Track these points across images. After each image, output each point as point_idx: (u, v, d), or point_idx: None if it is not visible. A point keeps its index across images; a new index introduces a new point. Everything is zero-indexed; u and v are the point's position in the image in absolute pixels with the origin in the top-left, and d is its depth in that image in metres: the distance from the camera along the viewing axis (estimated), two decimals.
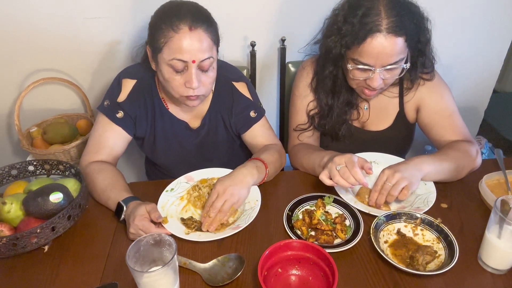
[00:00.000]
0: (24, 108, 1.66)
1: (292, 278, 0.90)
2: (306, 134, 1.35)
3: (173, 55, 1.04)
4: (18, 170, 1.15)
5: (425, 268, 0.89)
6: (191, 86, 1.07)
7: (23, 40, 1.51)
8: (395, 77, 1.15)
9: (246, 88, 1.28)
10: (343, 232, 0.99)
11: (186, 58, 1.04)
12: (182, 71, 1.07)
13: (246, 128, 1.29)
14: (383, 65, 1.09)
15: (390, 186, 1.03)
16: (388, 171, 1.05)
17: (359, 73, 1.14)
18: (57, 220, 0.95)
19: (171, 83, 1.09)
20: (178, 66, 1.05)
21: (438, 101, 1.26)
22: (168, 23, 1.03)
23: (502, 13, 1.65)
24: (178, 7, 1.06)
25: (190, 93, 1.09)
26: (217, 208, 1.02)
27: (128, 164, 1.91)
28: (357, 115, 1.34)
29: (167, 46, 1.04)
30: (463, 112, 1.28)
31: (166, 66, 1.07)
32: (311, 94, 1.32)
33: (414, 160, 1.09)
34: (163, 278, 0.78)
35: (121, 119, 1.21)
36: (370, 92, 1.18)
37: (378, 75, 1.11)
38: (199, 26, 1.03)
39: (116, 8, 1.47)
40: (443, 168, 1.11)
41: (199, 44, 1.03)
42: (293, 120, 1.38)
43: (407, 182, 1.02)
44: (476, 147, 1.18)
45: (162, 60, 1.07)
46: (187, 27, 1.02)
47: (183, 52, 1.03)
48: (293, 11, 1.55)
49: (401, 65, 1.11)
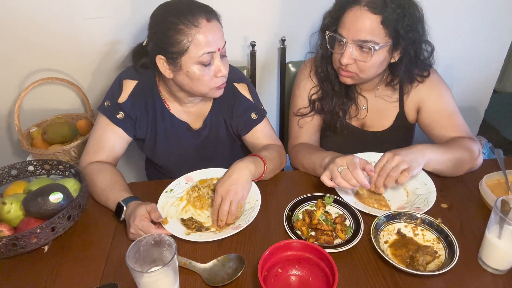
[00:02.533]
0: (24, 108, 1.66)
1: (292, 278, 0.89)
2: (306, 119, 1.35)
3: (202, 50, 1.05)
4: (18, 170, 1.15)
5: (425, 268, 0.89)
6: (222, 74, 1.10)
7: (23, 40, 1.51)
8: (367, 63, 1.14)
9: (247, 90, 1.28)
10: (343, 232, 0.99)
11: (213, 49, 1.06)
12: (209, 64, 1.08)
13: (247, 130, 1.29)
14: (353, 39, 1.11)
15: (390, 168, 1.03)
16: (388, 154, 1.05)
17: (336, 47, 1.19)
18: (57, 220, 0.95)
19: (202, 80, 1.10)
20: (206, 59, 1.07)
21: (438, 101, 1.26)
22: (186, 22, 1.03)
23: (502, 13, 1.65)
24: (187, 5, 1.06)
25: (220, 82, 1.12)
26: (226, 211, 1.02)
27: (128, 164, 1.91)
28: (355, 112, 1.34)
29: (193, 44, 1.04)
30: (463, 112, 1.28)
31: (195, 65, 1.07)
32: (312, 81, 1.34)
33: (418, 146, 1.08)
34: (163, 278, 0.78)
35: (122, 120, 1.20)
36: (343, 72, 1.19)
37: (348, 50, 1.13)
38: (212, 16, 1.06)
39: (116, 8, 1.47)
40: (446, 158, 1.11)
41: (219, 32, 1.08)
42: (294, 105, 1.39)
43: (407, 165, 1.02)
44: (478, 146, 1.18)
45: (190, 60, 1.06)
46: (205, 20, 1.04)
47: (210, 44, 1.05)
48: (293, 11, 1.55)
49: (374, 48, 1.11)
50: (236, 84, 1.27)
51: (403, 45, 1.15)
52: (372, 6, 1.08)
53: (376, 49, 1.11)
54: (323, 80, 1.30)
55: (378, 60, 1.14)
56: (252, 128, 1.29)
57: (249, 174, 1.08)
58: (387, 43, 1.12)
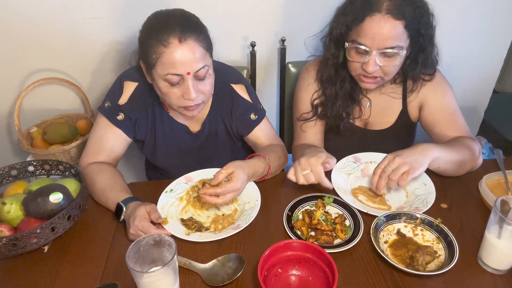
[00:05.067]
0: (24, 108, 1.66)
1: (292, 278, 0.90)
2: (309, 124, 1.35)
3: (167, 70, 1.02)
4: (18, 171, 1.15)
5: (425, 268, 0.89)
6: (189, 97, 1.06)
7: (23, 40, 1.51)
8: (393, 68, 1.14)
9: (245, 90, 1.28)
10: (343, 232, 0.99)
11: (180, 72, 1.02)
12: (178, 83, 1.06)
13: (248, 131, 1.29)
14: (379, 48, 1.09)
15: (390, 171, 1.02)
16: (390, 155, 1.05)
17: (356, 56, 1.14)
18: (57, 220, 0.95)
19: (169, 96, 1.08)
20: (173, 80, 1.04)
21: (440, 99, 1.26)
22: (157, 38, 1.01)
23: (502, 13, 1.65)
24: (165, 20, 1.04)
25: (189, 103, 1.08)
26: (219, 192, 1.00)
27: (128, 165, 1.91)
28: (359, 113, 1.34)
29: (159, 61, 1.02)
30: (463, 112, 1.28)
31: (162, 81, 1.06)
32: (315, 85, 1.33)
33: (421, 146, 1.07)
34: (163, 278, 0.78)
35: (122, 121, 1.20)
36: (367, 79, 1.17)
37: (373, 58, 1.10)
38: (188, 36, 1.01)
39: (116, 8, 1.47)
40: (451, 157, 1.10)
41: (191, 55, 1.01)
42: (297, 110, 1.38)
43: (408, 167, 1.01)
44: (478, 146, 1.18)
45: (157, 75, 1.05)
46: (177, 40, 1.00)
47: (176, 66, 1.01)
48: (293, 11, 1.55)
49: (399, 53, 1.10)
50: (234, 85, 1.27)
51: (421, 43, 1.14)
52: (394, 12, 1.05)
53: (402, 54, 1.11)
54: (327, 85, 1.29)
55: (401, 61, 1.14)
56: (252, 128, 1.29)
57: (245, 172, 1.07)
58: (408, 43, 1.12)
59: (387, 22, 1.05)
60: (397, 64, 1.13)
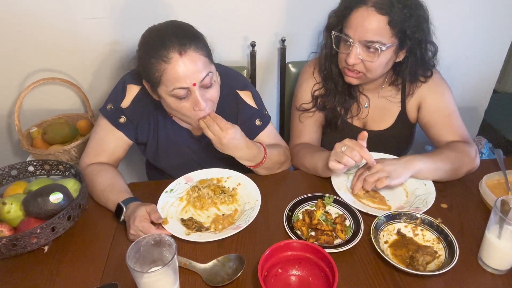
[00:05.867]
0: (24, 108, 1.66)
1: (292, 278, 0.90)
2: (308, 115, 1.36)
3: (172, 85, 1.01)
4: (18, 171, 1.15)
5: (425, 268, 0.89)
6: (199, 108, 1.05)
7: (23, 40, 1.51)
8: (374, 63, 1.14)
9: (251, 97, 1.27)
10: (343, 232, 0.99)
11: (186, 84, 1.01)
12: (186, 96, 1.05)
13: (252, 137, 1.28)
14: (360, 39, 1.11)
15: (367, 174, 1.08)
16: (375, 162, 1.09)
17: (343, 47, 1.18)
18: (57, 220, 0.95)
19: (180, 111, 1.07)
20: (180, 93, 1.03)
21: (438, 100, 1.26)
22: (157, 56, 0.99)
23: (502, 13, 1.65)
24: (161, 36, 1.02)
25: (201, 114, 1.08)
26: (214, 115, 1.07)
27: (129, 165, 1.91)
28: (357, 110, 1.34)
29: (164, 78, 1.01)
30: (463, 112, 1.28)
31: (169, 97, 1.05)
32: (316, 79, 1.35)
33: (405, 158, 1.12)
34: (163, 278, 0.78)
35: (124, 124, 1.20)
36: (350, 72, 1.19)
37: (355, 50, 1.13)
38: (187, 48, 0.99)
39: (116, 8, 1.47)
40: (437, 167, 1.12)
41: (194, 66, 1.00)
42: (296, 100, 1.39)
43: (386, 174, 1.07)
44: (474, 148, 1.19)
45: (163, 92, 1.05)
46: (177, 54, 0.99)
47: (181, 80, 1.00)
48: (293, 11, 1.55)
49: (380, 48, 1.11)
50: (240, 91, 1.26)
51: (409, 45, 1.15)
52: (379, 6, 1.08)
53: (383, 50, 1.12)
54: (326, 78, 1.31)
55: (384, 60, 1.15)
56: (256, 134, 1.28)
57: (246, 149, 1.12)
58: (394, 43, 1.13)
59: (370, 14, 1.09)
60: (380, 61, 1.14)
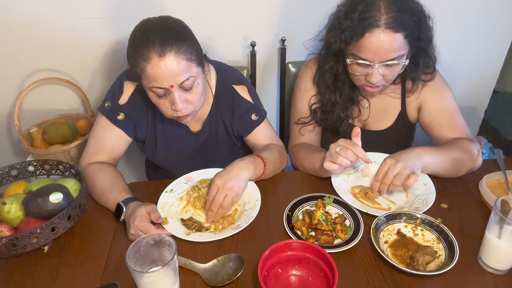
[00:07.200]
0: (24, 108, 1.66)
1: (292, 278, 0.89)
2: (307, 128, 1.35)
3: (150, 83, 1.03)
4: (18, 171, 1.15)
5: (425, 268, 0.89)
6: (176, 109, 1.06)
7: (23, 40, 1.51)
8: (395, 74, 1.15)
9: (247, 91, 1.28)
10: (343, 232, 0.99)
11: (163, 85, 1.02)
12: (165, 95, 1.06)
13: (248, 132, 1.29)
14: (381, 61, 1.09)
15: (392, 176, 1.03)
16: (390, 160, 1.05)
17: (358, 68, 1.15)
18: (57, 220, 0.95)
19: (159, 106, 1.10)
20: (159, 92, 1.05)
21: (439, 100, 1.26)
22: (139, 52, 1.00)
23: (502, 13, 1.65)
24: (146, 33, 1.02)
25: (178, 114, 1.09)
26: (219, 202, 1.02)
27: (129, 165, 1.91)
28: (357, 113, 1.34)
29: (143, 75, 1.03)
30: (463, 112, 1.28)
31: (150, 92, 1.07)
32: (313, 89, 1.33)
33: (415, 150, 1.09)
34: (163, 278, 0.78)
35: (122, 121, 1.20)
36: (371, 89, 1.18)
37: (377, 71, 1.11)
38: (168, 50, 0.99)
39: (116, 8, 1.47)
40: (443, 161, 1.11)
41: (172, 69, 1.00)
42: (295, 113, 1.38)
43: (410, 171, 1.03)
44: (477, 147, 1.18)
45: (145, 86, 1.07)
46: (157, 55, 0.98)
47: (158, 80, 1.01)
48: (293, 11, 1.55)
49: (401, 62, 1.11)
50: (236, 86, 1.27)
51: (421, 46, 1.15)
52: (393, 25, 1.04)
53: (404, 62, 1.12)
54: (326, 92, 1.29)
55: (402, 66, 1.15)
56: (252, 129, 1.29)
57: (248, 175, 1.08)
58: (408, 49, 1.12)
59: (387, 36, 1.05)
60: (399, 69, 1.14)
